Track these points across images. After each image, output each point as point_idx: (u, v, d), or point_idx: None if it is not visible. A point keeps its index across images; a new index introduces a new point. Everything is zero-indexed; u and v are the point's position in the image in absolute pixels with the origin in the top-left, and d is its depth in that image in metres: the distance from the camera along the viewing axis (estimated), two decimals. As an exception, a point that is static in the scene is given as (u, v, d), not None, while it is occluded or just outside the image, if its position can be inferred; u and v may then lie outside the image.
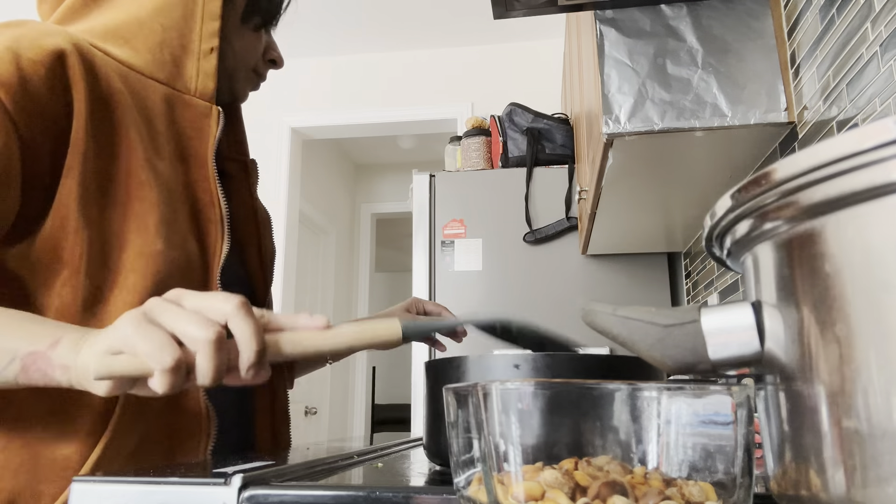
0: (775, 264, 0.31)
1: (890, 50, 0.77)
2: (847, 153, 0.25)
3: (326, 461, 0.57)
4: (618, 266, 2.13)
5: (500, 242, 2.18)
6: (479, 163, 2.40)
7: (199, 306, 0.46)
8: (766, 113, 1.05)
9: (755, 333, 0.31)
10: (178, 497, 0.42)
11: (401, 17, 3.16)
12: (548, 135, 2.26)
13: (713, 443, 0.30)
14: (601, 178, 1.31)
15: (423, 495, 0.40)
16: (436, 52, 3.42)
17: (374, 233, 4.79)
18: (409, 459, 0.65)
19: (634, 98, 1.09)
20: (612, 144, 1.13)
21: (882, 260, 0.25)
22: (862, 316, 0.26)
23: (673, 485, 0.30)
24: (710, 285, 1.74)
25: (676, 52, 1.10)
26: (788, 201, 0.28)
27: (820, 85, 0.95)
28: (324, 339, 0.49)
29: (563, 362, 0.52)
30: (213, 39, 0.72)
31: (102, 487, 0.43)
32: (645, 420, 0.30)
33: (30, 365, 0.49)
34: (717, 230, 0.34)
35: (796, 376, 0.29)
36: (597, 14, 1.13)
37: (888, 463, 0.24)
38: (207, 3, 0.73)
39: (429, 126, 3.41)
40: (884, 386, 0.25)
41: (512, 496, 0.29)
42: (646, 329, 0.33)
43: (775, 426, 0.31)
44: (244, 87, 0.82)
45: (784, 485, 0.31)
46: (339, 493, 0.41)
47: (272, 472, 0.46)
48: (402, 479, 0.49)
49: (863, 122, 0.84)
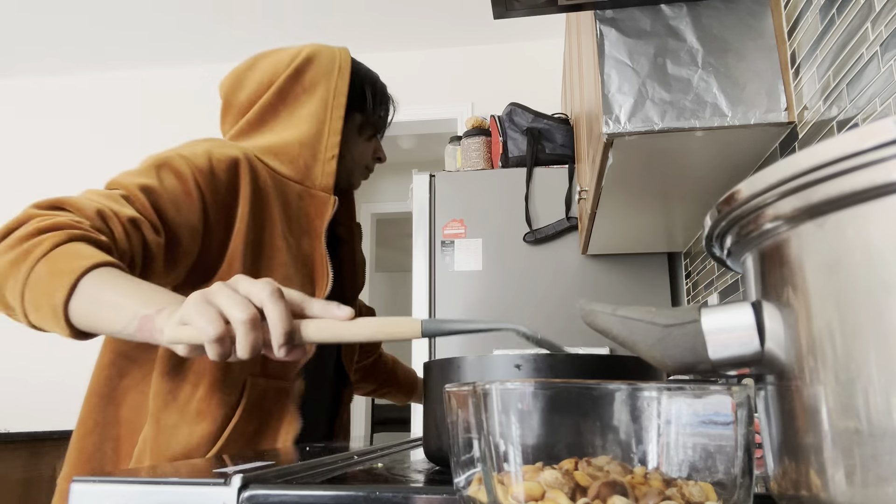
0: (775, 264, 0.31)
1: (890, 50, 0.77)
2: (847, 153, 0.25)
3: (326, 461, 0.57)
4: (618, 266, 2.13)
5: (500, 242, 2.18)
6: (479, 163, 2.40)
7: (248, 290, 0.57)
8: (766, 113, 1.05)
9: (755, 333, 0.31)
10: (179, 497, 0.42)
11: (400, 17, 3.16)
12: (548, 135, 2.26)
13: (713, 443, 0.30)
14: (601, 178, 1.30)
15: (423, 495, 0.40)
16: (436, 52, 3.42)
17: (374, 233, 4.79)
18: (409, 459, 0.65)
19: (634, 98, 1.09)
20: (612, 144, 1.13)
21: (882, 260, 0.25)
22: (862, 316, 0.26)
23: (673, 485, 0.30)
24: (710, 285, 1.74)
25: (676, 52, 1.10)
26: (788, 201, 0.28)
27: (820, 85, 0.95)
28: (347, 329, 0.57)
29: (564, 362, 0.52)
30: (335, 149, 1.02)
31: (102, 487, 0.43)
32: (645, 420, 0.30)
33: (142, 325, 0.62)
34: (717, 230, 0.34)
35: (796, 376, 0.29)
36: (597, 14, 1.13)
37: (888, 463, 0.24)
38: (332, 122, 1.02)
39: (429, 126, 3.41)
40: (884, 386, 0.25)
41: (512, 496, 0.29)
42: (646, 329, 0.33)
43: (775, 426, 0.31)
44: (358, 180, 1.13)
45: (784, 485, 0.31)
46: (339, 493, 0.41)
47: (272, 472, 0.46)
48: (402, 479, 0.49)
49: (863, 122, 0.84)
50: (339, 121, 1.03)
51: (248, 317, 0.56)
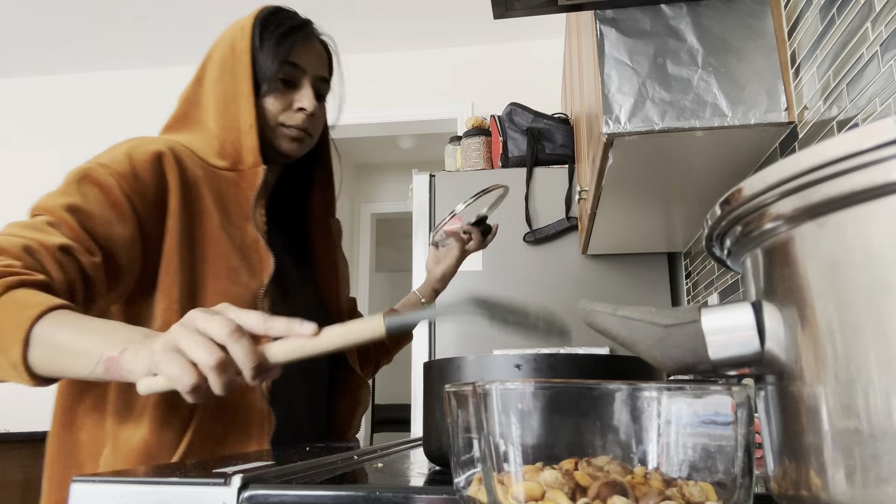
0: (775, 265, 0.31)
1: (890, 50, 0.77)
2: (847, 153, 0.25)
3: (326, 461, 0.57)
4: (618, 266, 2.13)
5: (500, 242, 2.18)
6: (479, 163, 2.40)
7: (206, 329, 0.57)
8: (766, 113, 1.05)
9: (755, 333, 0.31)
10: (179, 497, 0.42)
11: (400, 17, 3.16)
12: (548, 135, 2.26)
13: (713, 443, 0.30)
14: (601, 178, 1.30)
15: (423, 495, 0.40)
16: (436, 52, 3.42)
17: (374, 233, 4.79)
18: (409, 459, 0.65)
19: (634, 98, 1.09)
20: (612, 144, 1.13)
21: (882, 260, 0.25)
22: (862, 316, 0.26)
23: (673, 485, 0.30)
24: (710, 285, 1.74)
25: (676, 52, 1.10)
26: (788, 201, 0.28)
27: (820, 85, 0.95)
28: (315, 344, 0.58)
29: (564, 362, 0.52)
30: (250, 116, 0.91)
31: (102, 487, 0.43)
32: (645, 420, 0.30)
33: (109, 368, 0.62)
34: (717, 230, 0.34)
35: (796, 376, 0.29)
36: (597, 14, 1.13)
37: (888, 463, 0.24)
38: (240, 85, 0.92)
39: (429, 126, 3.40)
40: (884, 386, 0.25)
41: (512, 496, 0.29)
42: (646, 329, 0.33)
43: (775, 426, 0.31)
44: (283, 144, 0.96)
45: (784, 485, 0.31)
46: (339, 493, 0.41)
47: (272, 472, 0.46)
48: (402, 479, 0.49)
49: (863, 122, 0.84)
50: (246, 83, 0.91)
51: (216, 361, 0.56)
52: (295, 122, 0.95)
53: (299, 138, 0.97)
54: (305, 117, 0.96)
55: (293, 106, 0.95)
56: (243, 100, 0.91)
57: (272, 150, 0.96)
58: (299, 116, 0.95)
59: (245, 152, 0.92)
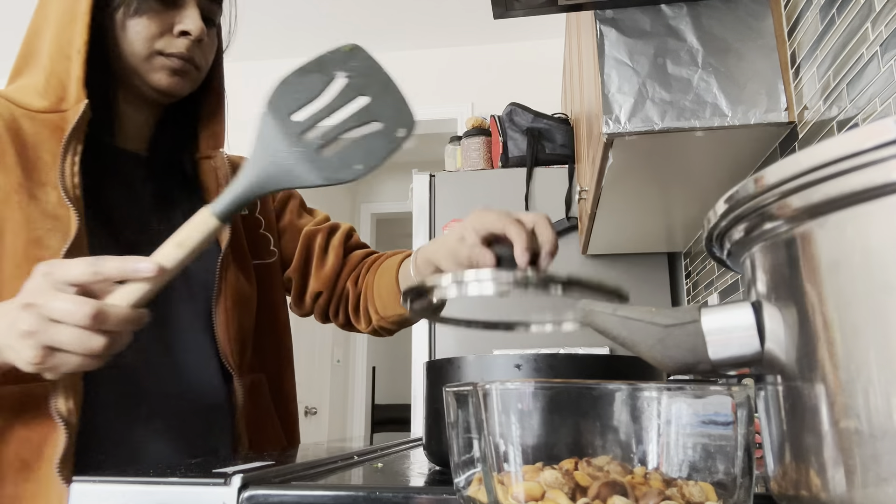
0: (775, 265, 0.31)
1: (890, 50, 0.77)
2: (847, 153, 0.25)
3: (326, 461, 0.57)
4: (618, 266, 2.13)
5: (500, 242, 2.18)
6: (479, 163, 2.40)
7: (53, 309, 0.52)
8: (766, 113, 1.05)
9: (755, 333, 0.31)
10: (178, 497, 0.42)
11: (400, 17, 3.16)
12: (548, 135, 2.26)
13: (713, 443, 0.30)
14: (601, 178, 1.30)
15: (423, 495, 0.40)
16: (436, 52, 3.42)
17: (374, 233, 4.79)
18: (409, 459, 0.65)
19: (634, 98, 1.09)
20: (612, 144, 1.13)
21: (882, 260, 0.25)
22: (862, 316, 0.26)
23: (673, 485, 0.30)
24: (710, 285, 1.74)
25: (677, 52, 1.10)
26: (788, 201, 0.28)
27: (820, 85, 0.95)
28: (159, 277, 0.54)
29: (564, 362, 0.52)
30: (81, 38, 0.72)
31: (102, 487, 0.43)
32: (645, 420, 0.30)
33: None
34: (717, 231, 0.34)
35: (796, 376, 0.29)
36: (597, 14, 1.13)
37: (888, 463, 0.24)
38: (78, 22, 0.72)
39: (429, 126, 3.40)
40: (884, 386, 0.25)
41: (512, 496, 0.29)
42: (646, 329, 0.33)
43: (775, 426, 0.31)
44: (161, 78, 0.77)
45: (784, 485, 0.31)
46: (339, 493, 0.41)
47: (272, 472, 0.46)
48: (402, 479, 0.49)
49: (863, 122, 0.84)
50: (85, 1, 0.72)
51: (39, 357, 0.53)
52: (176, 50, 0.76)
53: (182, 70, 0.78)
54: (190, 44, 0.77)
55: (174, 30, 0.76)
56: (79, 19, 0.72)
57: (146, 87, 0.78)
58: (181, 42, 0.76)
59: (71, 84, 0.72)
